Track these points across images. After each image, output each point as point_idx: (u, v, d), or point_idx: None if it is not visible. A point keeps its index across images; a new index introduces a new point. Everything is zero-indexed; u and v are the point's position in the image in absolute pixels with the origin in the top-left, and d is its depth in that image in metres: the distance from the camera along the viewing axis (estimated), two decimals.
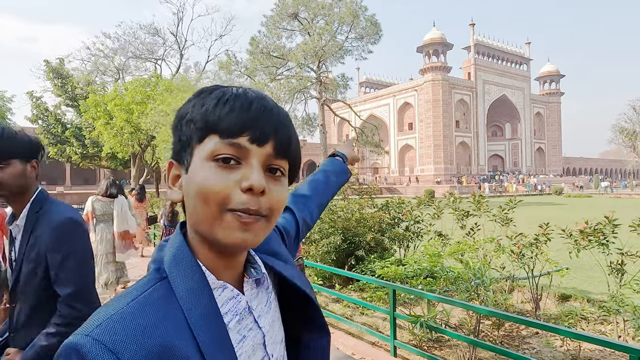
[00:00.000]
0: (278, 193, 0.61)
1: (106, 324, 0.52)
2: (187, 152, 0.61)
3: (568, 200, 34.49)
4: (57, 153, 24.11)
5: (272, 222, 0.61)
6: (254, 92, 0.63)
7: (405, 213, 6.74)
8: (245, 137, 0.58)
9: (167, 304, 0.56)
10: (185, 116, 0.62)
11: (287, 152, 0.62)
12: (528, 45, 72.15)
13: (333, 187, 1.20)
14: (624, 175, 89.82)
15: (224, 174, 0.57)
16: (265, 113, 0.60)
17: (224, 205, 0.56)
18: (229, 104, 0.59)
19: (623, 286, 3.94)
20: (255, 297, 0.66)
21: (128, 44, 31.66)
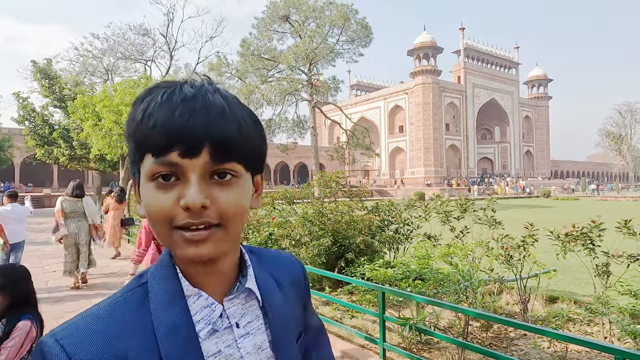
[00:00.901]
0: (228, 198, 0.57)
1: (73, 327, 0.54)
2: (136, 169, 0.60)
3: (556, 203, 34.92)
4: (44, 155, 23.75)
5: (230, 228, 0.58)
6: (184, 91, 0.56)
7: (395, 215, 6.75)
8: (175, 153, 0.54)
9: (139, 310, 0.57)
10: (126, 132, 0.60)
11: (230, 154, 0.56)
12: (517, 49, 73.05)
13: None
14: (610, 178, 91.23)
15: (164, 193, 0.55)
16: (191, 118, 0.54)
17: (170, 224, 0.56)
18: (153, 117, 0.55)
19: (609, 288, 3.98)
20: (244, 314, 0.64)
21: (117, 45, 31.38)
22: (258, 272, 0.69)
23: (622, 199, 40.41)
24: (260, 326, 0.66)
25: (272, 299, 0.69)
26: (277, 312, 0.68)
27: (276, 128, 32.42)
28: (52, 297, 6.33)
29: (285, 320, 0.70)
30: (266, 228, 7.17)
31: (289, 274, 0.77)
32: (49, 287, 6.92)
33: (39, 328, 2.02)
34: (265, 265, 0.73)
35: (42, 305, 2.15)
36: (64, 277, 7.11)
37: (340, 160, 33.90)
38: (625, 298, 3.70)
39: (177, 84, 0.58)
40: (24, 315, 1.96)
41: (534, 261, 4.60)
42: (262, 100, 30.87)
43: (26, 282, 2.03)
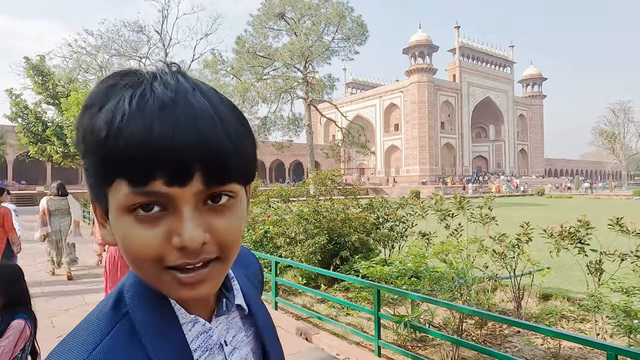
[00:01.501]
0: (227, 225, 0.47)
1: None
2: (100, 192, 0.47)
3: (550, 201, 35.16)
4: (38, 152, 23.58)
5: (228, 257, 0.49)
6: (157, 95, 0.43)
7: (390, 213, 6.77)
8: (160, 181, 0.42)
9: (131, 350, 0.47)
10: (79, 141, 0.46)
11: (226, 175, 0.46)
12: (512, 48, 73.35)
13: None
14: (603, 177, 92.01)
15: (147, 228, 0.44)
16: (176, 134, 0.42)
17: (159, 264, 0.45)
18: (122, 134, 0.41)
19: (601, 285, 4.02)
20: (229, 328, 0.58)
21: (111, 42, 31.19)
22: (238, 277, 0.62)
23: (615, 197, 40.77)
24: (243, 338, 0.60)
25: (255, 306, 0.62)
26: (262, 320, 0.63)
27: (271, 126, 32.35)
28: (45, 295, 6.30)
29: (271, 326, 0.65)
30: (261, 226, 7.16)
31: (250, 269, 0.70)
32: (42, 285, 6.88)
33: (32, 327, 2.01)
34: (237, 266, 0.64)
35: (36, 303, 2.14)
36: (57, 274, 7.21)
37: (335, 158, 33.92)
38: (618, 295, 3.74)
39: (142, 79, 0.45)
40: (17, 314, 1.95)
41: (527, 259, 4.64)
42: (257, 98, 30.79)
43: (19, 282, 2.02)
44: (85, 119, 0.45)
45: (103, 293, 5.63)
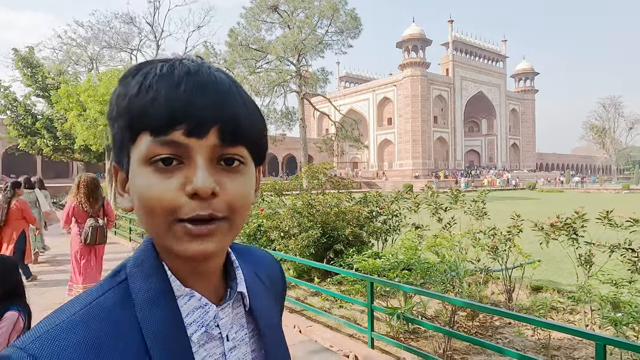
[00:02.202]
0: (236, 187, 0.50)
1: (45, 337, 0.45)
2: (124, 153, 0.51)
3: (541, 195, 35.51)
4: (27, 145, 23.27)
5: (235, 222, 0.51)
6: (185, 64, 0.50)
7: (384, 207, 6.80)
8: (179, 131, 0.47)
9: (120, 313, 0.49)
10: (112, 110, 0.51)
11: (239, 137, 0.50)
12: (504, 42, 73.55)
13: None
14: (593, 171, 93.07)
15: (164, 179, 0.48)
16: (199, 93, 0.48)
17: (171, 216, 0.48)
18: (152, 89, 0.47)
19: (590, 277, 4.09)
20: (233, 323, 0.58)
21: (102, 33, 30.74)
22: (245, 271, 0.62)
23: (605, 191, 41.31)
24: (244, 337, 0.59)
25: (259, 304, 0.62)
26: (266, 318, 0.62)
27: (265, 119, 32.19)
28: (38, 288, 6.26)
29: (276, 327, 0.64)
30: (255, 220, 7.16)
31: (270, 271, 0.71)
32: (36, 279, 6.83)
33: (26, 319, 2.01)
34: (247, 263, 0.65)
35: (29, 296, 2.13)
36: (51, 267, 7.25)
37: (329, 152, 33.89)
38: (607, 287, 3.80)
39: (174, 58, 0.51)
40: (11, 306, 1.94)
41: (519, 251, 4.70)
42: (250, 91, 30.60)
43: (14, 273, 2.01)
44: (119, 88, 0.51)
45: None
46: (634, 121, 75.78)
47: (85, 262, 5.09)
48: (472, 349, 3.87)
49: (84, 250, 5.07)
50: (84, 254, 5.08)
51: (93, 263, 5.14)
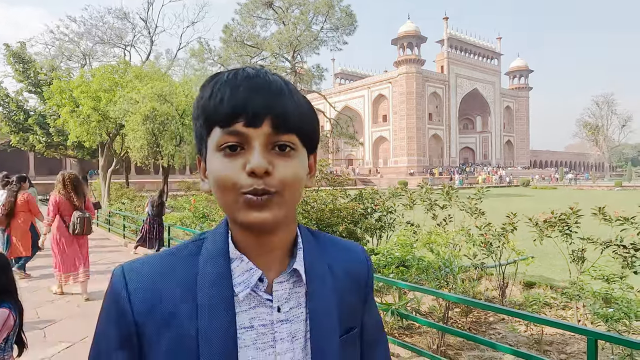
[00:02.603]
0: (287, 168, 0.61)
1: (137, 262, 0.66)
2: (203, 145, 0.65)
3: (535, 192, 35.74)
4: (20, 142, 23.08)
5: (286, 196, 0.61)
6: (246, 71, 0.62)
7: (378, 204, 6.81)
8: (240, 123, 0.59)
9: (188, 260, 0.66)
10: (194, 112, 0.65)
11: (289, 126, 0.61)
12: (499, 40, 73.75)
13: None
14: (586, 168, 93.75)
15: (231, 161, 0.60)
16: (254, 92, 0.60)
17: (236, 190, 0.59)
18: (220, 92, 0.60)
19: (583, 273, 4.12)
20: (289, 299, 0.66)
21: (95, 29, 30.48)
22: (312, 256, 0.69)
23: (598, 188, 41.66)
24: (300, 315, 0.66)
25: (318, 287, 0.68)
26: (320, 301, 0.67)
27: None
28: (29, 286, 6.21)
29: (328, 312, 0.68)
30: None
31: (349, 264, 0.75)
32: (28, 277, 6.78)
33: (17, 316, 1.99)
34: (323, 250, 0.73)
35: (21, 293, 2.11)
36: (44, 269, 7.12)
37: (324, 149, 33.89)
38: (599, 282, 3.84)
39: (239, 68, 0.64)
40: (3, 303, 1.92)
41: (512, 248, 4.72)
42: None
43: (5, 270, 1.99)
44: (199, 94, 0.64)
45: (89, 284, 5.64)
46: (627, 118, 76.37)
47: (70, 250, 5.44)
48: (466, 345, 3.90)
49: (69, 240, 5.44)
50: (69, 244, 5.44)
51: (77, 252, 5.51)
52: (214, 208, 8.99)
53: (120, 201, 14.72)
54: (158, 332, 0.61)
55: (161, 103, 14.40)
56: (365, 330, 0.78)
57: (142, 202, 10.95)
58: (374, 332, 0.80)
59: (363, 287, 0.77)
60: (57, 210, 5.44)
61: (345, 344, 0.70)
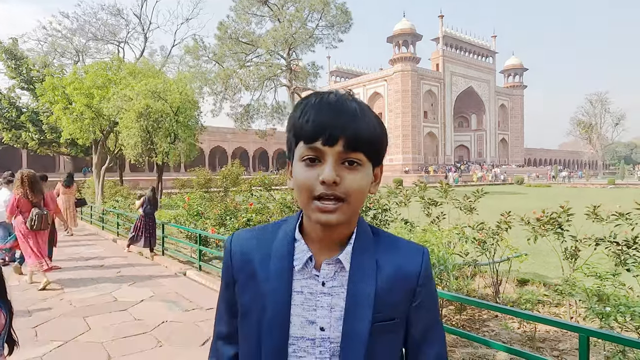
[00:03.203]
0: (352, 180, 0.76)
1: (242, 232, 0.93)
2: (292, 152, 0.81)
3: (529, 190, 35.93)
4: (12, 139, 22.81)
5: (351, 202, 0.77)
6: (330, 99, 0.78)
7: (373, 201, 6.80)
8: (320, 142, 0.75)
9: (270, 236, 0.88)
10: (288, 125, 0.82)
11: (357, 146, 0.76)
12: (494, 38, 73.93)
13: None
14: (580, 166, 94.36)
15: (310, 170, 0.76)
16: (334, 118, 0.75)
17: (310, 194, 0.76)
18: (307, 115, 0.76)
19: (576, 270, 4.14)
20: (334, 278, 0.83)
21: (88, 25, 30.19)
22: (362, 250, 0.84)
23: (591, 186, 41.97)
24: (341, 293, 0.82)
25: (358, 276, 0.82)
26: (358, 288, 0.82)
27: (255, 114, 31.98)
28: (21, 285, 6.16)
29: (364, 297, 0.81)
30: (244, 214, 7.12)
31: (400, 264, 0.86)
32: (19, 276, 6.72)
33: (8, 315, 1.96)
34: (377, 247, 0.86)
35: (13, 292, 2.08)
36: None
37: None
38: (591, 279, 3.86)
39: (326, 92, 0.79)
40: None
41: (506, 245, 4.74)
42: (240, 85, 30.36)
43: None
44: (293, 111, 0.81)
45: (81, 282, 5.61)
46: (620, 117, 76.87)
47: (32, 243, 5.84)
48: (460, 342, 3.91)
49: (29, 234, 5.82)
50: (30, 238, 5.83)
51: (38, 245, 5.89)
52: (208, 206, 8.95)
53: (114, 199, 14.62)
54: (244, 285, 0.87)
55: (155, 100, 14.30)
56: (414, 328, 0.88)
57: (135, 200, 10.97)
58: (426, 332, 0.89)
59: (412, 287, 0.86)
60: (14, 208, 5.79)
61: (382, 329, 0.82)
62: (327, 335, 0.81)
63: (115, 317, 4.84)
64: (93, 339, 4.17)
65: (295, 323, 0.81)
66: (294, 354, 0.81)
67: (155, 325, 4.58)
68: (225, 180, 14.80)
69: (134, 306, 5.27)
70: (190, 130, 16.17)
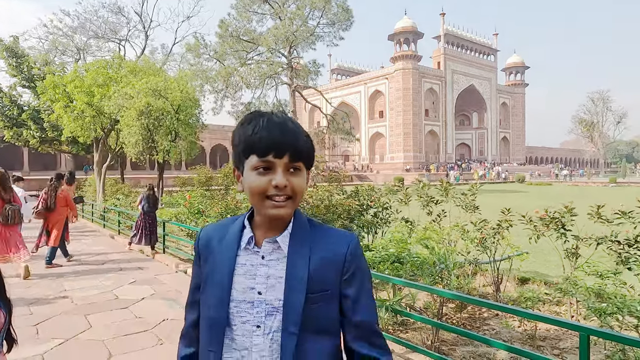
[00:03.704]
0: (297, 182, 0.98)
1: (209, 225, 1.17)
2: (241, 163, 1.00)
3: (530, 188, 35.87)
4: (13, 137, 22.83)
5: (296, 199, 0.99)
6: (275, 120, 0.98)
7: (374, 200, 6.80)
8: (271, 155, 0.95)
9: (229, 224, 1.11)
10: (235, 140, 1.02)
11: (300, 158, 0.98)
12: (495, 36, 73.74)
13: None
14: (581, 164, 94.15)
15: (262, 177, 0.96)
16: (281, 137, 0.95)
17: (264, 194, 0.97)
18: (260, 133, 0.95)
19: (576, 269, 4.14)
20: (270, 252, 1.03)
21: (89, 23, 30.17)
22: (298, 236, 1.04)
23: (592, 185, 41.90)
24: (277, 266, 1.02)
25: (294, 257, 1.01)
26: (293, 265, 1.01)
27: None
28: (22, 283, 6.18)
29: (297, 271, 1.00)
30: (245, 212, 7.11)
31: (328, 248, 1.04)
32: (18, 274, 6.74)
33: (7, 314, 1.96)
34: (312, 235, 1.05)
35: (14, 290, 2.08)
36: (37, 264, 7.12)
37: (320, 145, 33.85)
38: (592, 278, 3.85)
39: (268, 113, 0.99)
40: None
41: (507, 244, 4.73)
42: (241, 83, 30.33)
43: None
44: (241, 129, 1.00)
45: (82, 280, 5.62)
46: (622, 115, 76.66)
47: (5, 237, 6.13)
48: (460, 340, 3.91)
49: (2, 229, 6.12)
50: (2, 232, 6.12)
51: (10, 238, 6.17)
52: (209, 204, 8.95)
53: (115, 197, 14.64)
54: (205, 260, 1.09)
55: (156, 98, 14.29)
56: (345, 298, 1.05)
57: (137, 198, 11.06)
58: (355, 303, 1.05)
59: (340, 265, 1.03)
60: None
61: (315, 299, 1.00)
62: (263, 299, 1.00)
63: (116, 315, 4.85)
64: (94, 337, 4.18)
65: (238, 289, 1.01)
66: (238, 314, 1.01)
67: (156, 323, 4.59)
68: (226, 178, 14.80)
69: (135, 304, 5.28)
70: (191, 129, 16.17)
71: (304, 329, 0.98)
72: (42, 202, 7.37)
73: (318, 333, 1.01)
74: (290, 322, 0.98)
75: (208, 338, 1.03)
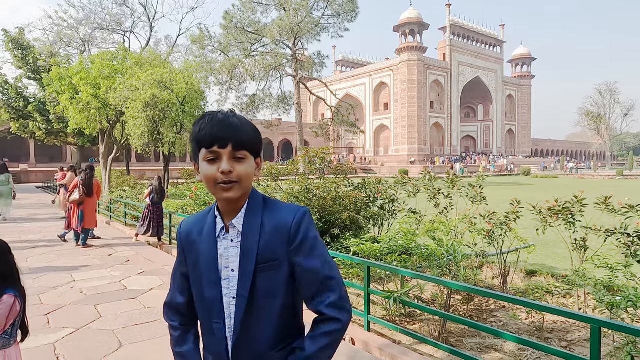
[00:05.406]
0: (241, 169, 1.14)
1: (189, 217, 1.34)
2: (196, 156, 1.17)
3: (535, 181, 35.69)
4: (20, 129, 23.01)
5: (242, 184, 1.15)
6: (219, 117, 1.14)
7: (381, 192, 6.79)
8: (216, 146, 1.12)
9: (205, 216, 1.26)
10: (190, 138, 1.19)
11: (243, 147, 1.14)
12: (502, 27, 72.91)
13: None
14: (588, 157, 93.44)
15: (212, 166, 1.13)
16: (224, 130, 1.12)
17: (215, 181, 1.13)
18: (205, 130, 1.13)
19: (585, 261, 4.12)
20: (237, 235, 1.19)
21: (94, 14, 30.12)
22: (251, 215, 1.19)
23: (599, 177, 41.63)
24: (237, 244, 1.19)
25: (247, 233, 1.18)
26: (246, 240, 1.18)
27: (260, 104, 31.91)
28: (32, 274, 6.24)
29: (249, 246, 1.17)
30: None
31: (277, 221, 1.19)
32: (29, 263, 6.81)
33: (22, 302, 1.99)
34: (263, 211, 1.20)
35: (24, 281, 2.11)
36: (45, 255, 7.12)
37: (325, 137, 33.76)
38: (601, 271, 3.84)
39: (214, 112, 1.16)
40: (7, 289, 1.92)
41: (515, 236, 4.72)
42: (245, 75, 30.26)
43: (8, 256, 1.98)
44: (193, 128, 1.17)
45: (91, 271, 5.66)
46: (630, 107, 75.86)
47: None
48: (467, 332, 3.92)
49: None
50: None
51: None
52: None
53: (121, 188, 14.71)
54: (189, 250, 1.25)
55: (161, 90, 14.28)
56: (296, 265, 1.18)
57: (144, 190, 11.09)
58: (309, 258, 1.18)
59: (286, 235, 1.17)
60: None
61: (265, 268, 1.17)
62: (235, 274, 1.18)
63: (125, 305, 4.90)
64: (104, 327, 4.23)
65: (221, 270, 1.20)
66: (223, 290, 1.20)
67: None
68: None
69: (144, 294, 5.33)
70: None
71: (254, 293, 1.16)
72: (82, 189, 8.21)
73: (267, 296, 1.18)
74: (242, 287, 1.16)
75: (210, 314, 1.21)
